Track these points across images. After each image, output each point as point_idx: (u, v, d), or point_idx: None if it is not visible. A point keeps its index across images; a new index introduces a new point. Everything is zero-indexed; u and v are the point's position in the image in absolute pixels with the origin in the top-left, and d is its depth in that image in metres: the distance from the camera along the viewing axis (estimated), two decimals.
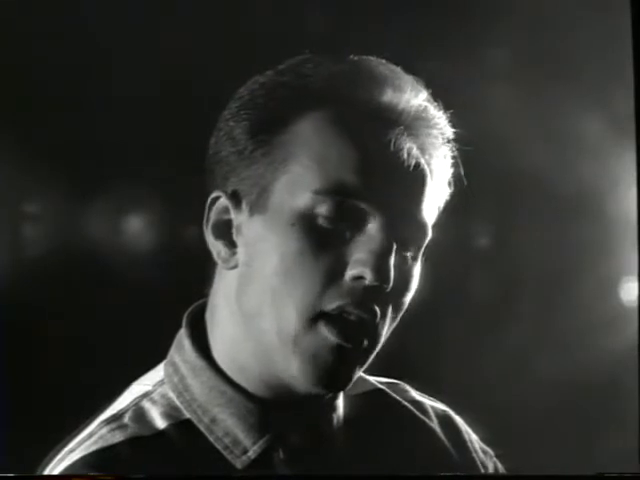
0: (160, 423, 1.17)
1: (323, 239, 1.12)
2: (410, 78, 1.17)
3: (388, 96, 1.15)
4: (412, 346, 1.36)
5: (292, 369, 1.13)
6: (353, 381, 1.17)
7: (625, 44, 1.46)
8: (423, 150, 1.16)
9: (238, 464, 1.16)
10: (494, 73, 1.47)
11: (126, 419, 1.17)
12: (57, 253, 1.41)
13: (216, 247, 1.18)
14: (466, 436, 1.31)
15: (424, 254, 1.18)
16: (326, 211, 1.12)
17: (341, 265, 1.12)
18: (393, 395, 1.29)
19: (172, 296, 1.34)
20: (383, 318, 1.14)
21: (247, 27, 1.41)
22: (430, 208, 1.17)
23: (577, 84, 1.46)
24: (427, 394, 1.32)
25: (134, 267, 1.40)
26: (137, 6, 1.41)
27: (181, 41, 1.40)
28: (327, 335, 1.12)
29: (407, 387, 1.32)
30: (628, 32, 1.46)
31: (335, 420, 1.21)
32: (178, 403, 1.18)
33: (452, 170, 1.20)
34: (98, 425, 1.17)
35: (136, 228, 1.42)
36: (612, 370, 1.46)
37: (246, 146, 1.16)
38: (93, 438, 1.15)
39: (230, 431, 1.16)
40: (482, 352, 1.45)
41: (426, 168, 1.16)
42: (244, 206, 1.16)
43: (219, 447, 1.17)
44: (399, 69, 1.18)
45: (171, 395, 1.19)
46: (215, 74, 1.37)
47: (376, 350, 1.17)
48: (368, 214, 1.13)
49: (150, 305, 1.37)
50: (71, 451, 1.15)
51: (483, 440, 1.32)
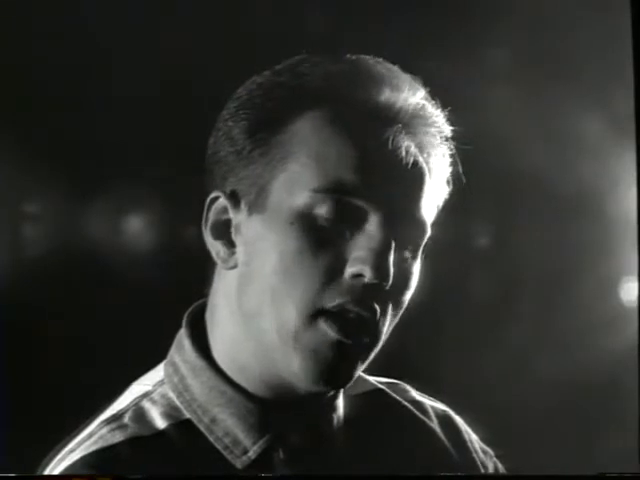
0: (160, 423, 1.17)
1: (322, 237, 1.12)
2: (407, 77, 1.17)
3: (386, 95, 1.15)
4: (412, 346, 1.36)
5: (293, 366, 1.13)
6: (354, 378, 1.16)
7: (625, 44, 1.46)
8: (421, 148, 1.16)
9: (238, 464, 1.16)
10: (494, 73, 1.47)
11: (126, 419, 1.17)
12: (57, 253, 1.41)
13: (215, 247, 1.18)
14: (466, 436, 1.31)
15: (423, 252, 1.18)
16: (325, 210, 1.12)
17: (340, 263, 1.12)
18: (393, 395, 1.29)
19: (172, 296, 1.34)
20: (383, 315, 1.14)
21: (247, 27, 1.41)
22: (429, 206, 1.17)
23: (577, 84, 1.46)
24: (427, 394, 1.32)
25: (134, 267, 1.40)
26: (137, 6, 1.41)
27: (181, 41, 1.40)
28: (327, 331, 1.12)
29: (407, 387, 1.32)
30: (628, 32, 1.46)
31: (335, 420, 1.21)
32: (178, 403, 1.18)
33: (451, 169, 1.20)
34: (98, 425, 1.17)
35: (136, 228, 1.42)
36: (612, 370, 1.45)
37: (244, 146, 1.16)
38: (93, 438, 1.15)
39: (230, 431, 1.16)
40: (482, 352, 1.45)
41: (424, 166, 1.16)
42: (243, 206, 1.16)
43: (219, 447, 1.17)
44: (396, 68, 1.18)
45: (171, 395, 1.19)
46: (215, 74, 1.37)
47: (377, 347, 1.16)
48: (367, 212, 1.13)
49: (150, 305, 1.37)
50: (71, 451, 1.15)
51: (483, 440, 1.32)
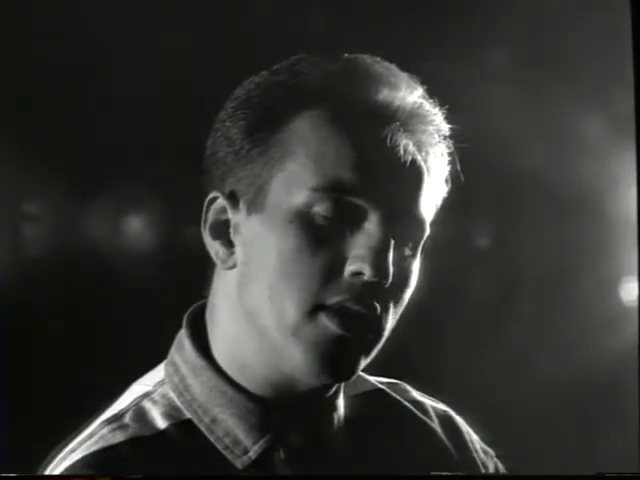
0: (161, 423, 1.17)
1: (321, 236, 1.12)
2: (405, 75, 1.18)
3: (384, 94, 1.15)
4: (412, 346, 1.35)
5: (295, 359, 1.13)
6: (357, 372, 1.16)
7: (625, 44, 1.46)
8: (419, 147, 1.16)
9: (238, 464, 1.16)
10: (494, 73, 1.47)
11: (127, 419, 1.17)
12: (57, 253, 1.40)
13: (214, 247, 1.18)
14: (467, 436, 1.31)
15: (423, 250, 1.18)
16: (323, 208, 1.12)
17: (340, 261, 1.12)
18: (393, 395, 1.29)
19: (172, 296, 1.34)
20: (384, 312, 1.14)
21: (247, 27, 1.41)
22: (428, 204, 1.17)
23: (577, 84, 1.46)
24: (427, 394, 1.32)
25: (134, 267, 1.40)
26: (137, 6, 1.41)
27: (181, 41, 1.40)
28: (328, 325, 1.12)
29: (408, 387, 1.32)
30: (628, 32, 1.46)
31: (335, 420, 1.21)
32: (179, 403, 1.18)
33: (449, 167, 1.21)
34: (99, 425, 1.17)
35: (136, 228, 1.42)
36: (612, 370, 1.45)
37: (242, 145, 1.16)
38: (94, 438, 1.15)
39: (230, 431, 1.16)
40: (482, 352, 1.45)
41: (423, 165, 1.16)
42: (241, 206, 1.16)
43: (219, 447, 1.17)
44: (394, 67, 1.18)
45: (172, 395, 1.19)
46: (215, 74, 1.37)
47: (380, 343, 1.16)
48: (366, 211, 1.13)
49: (150, 305, 1.37)
50: (72, 451, 1.16)
51: (484, 440, 1.32)
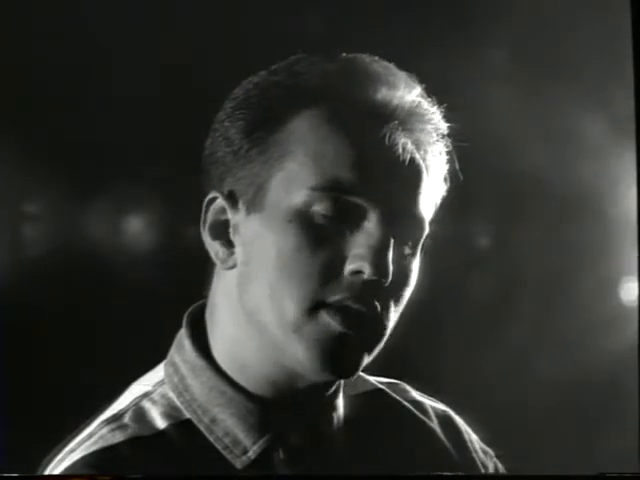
0: (160, 423, 1.17)
1: (320, 235, 1.13)
2: (403, 74, 1.18)
3: (382, 93, 1.15)
4: (412, 346, 1.35)
5: (298, 356, 1.13)
6: (360, 369, 1.16)
7: (625, 44, 1.46)
8: (418, 146, 1.16)
9: (238, 464, 1.16)
10: (494, 73, 1.47)
11: (126, 419, 1.17)
12: (57, 253, 1.40)
13: (214, 248, 1.18)
14: (466, 436, 1.31)
15: (422, 249, 1.18)
16: (323, 207, 1.13)
17: (340, 260, 1.13)
18: (393, 395, 1.29)
19: (172, 296, 1.34)
20: (384, 311, 1.14)
21: (248, 27, 1.41)
22: (427, 203, 1.18)
23: (577, 84, 1.46)
24: (427, 394, 1.32)
25: (134, 267, 1.40)
26: (137, 6, 1.41)
27: (181, 41, 1.40)
28: (330, 322, 1.12)
29: (407, 387, 1.32)
30: (628, 32, 1.45)
31: (335, 420, 1.21)
32: (178, 403, 1.18)
33: (448, 166, 1.21)
34: (98, 425, 1.17)
35: (136, 228, 1.42)
36: (612, 370, 1.45)
37: (241, 145, 1.16)
38: (93, 438, 1.15)
39: (230, 431, 1.16)
40: (482, 352, 1.45)
41: (421, 163, 1.16)
42: (241, 205, 1.16)
43: (219, 447, 1.17)
44: (392, 66, 1.19)
45: (171, 395, 1.19)
46: (215, 74, 1.37)
47: (382, 341, 1.16)
48: (365, 210, 1.13)
49: (150, 305, 1.37)
50: (71, 451, 1.16)
51: (483, 440, 1.32)
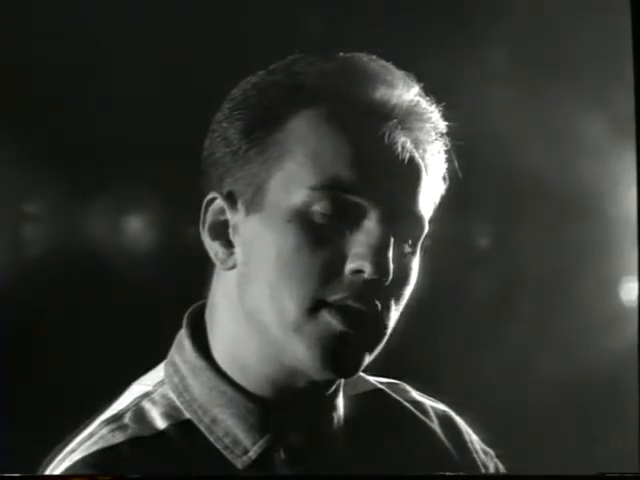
0: (160, 423, 1.17)
1: (320, 235, 1.13)
2: (402, 73, 1.18)
3: (380, 92, 1.15)
4: (412, 346, 1.35)
5: (299, 356, 1.13)
6: (361, 368, 1.16)
7: (625, 44, 1.46)
8: (417, 145, 1.16)
9: (238, 464, 1.16)
10: (494, 73, 1.47)
11: (126, 419, 1.17)
12: (57, 253, 1.40)
13: (213, 248, 1.18)
14: (467, 437, 1.31)
15: (422, 248, 1.18)
16: (322, 207, 1.13)
17: (340, 259, 1.12)
18: (393, 395, 1.29)
19: (172, 296, 1.34)
20: (385, 310, 1.14)
21: (248, 27, 1.41)
22: (426, 202, 1.18)
23: (577, 84, 1.46)
24: (427, 394, 1.32)
25: (134, 267, 1.40)
26: (137, 6, 1.41)
27: (181, 41, 1.40)
28: (331, 321, 1.12)
29: (407, 387, 1.32)
30: (628, 32, 1.46)
31: (335, 420, 1.21)
32: (178, 403, 1.18)
33: (446, 165, 1.21)
34: (98, 425, 1.17)
35: (136, 228, 1.42)
36: (612, 370, 1.45)
37: (240, 146, 1.16)
38: (93, 438, 1.15)
39: (230, 431, 1.16)
40: (482, 352, 1.45)
41: (420, 162, 1.17)
42: (240, 206, 1.16)
43: (219, 447, 1.17)
44: (390, 65, 1.19)
45: (171, 395, 1.19)
46: (215, 74, 1.37)
47: (383, 340, 1.16)
48: (365, 209, 1.13)
49: (150, 305, 1.37)
50: (72, 451, 1.16)
51: (483, 440, 1.32)
